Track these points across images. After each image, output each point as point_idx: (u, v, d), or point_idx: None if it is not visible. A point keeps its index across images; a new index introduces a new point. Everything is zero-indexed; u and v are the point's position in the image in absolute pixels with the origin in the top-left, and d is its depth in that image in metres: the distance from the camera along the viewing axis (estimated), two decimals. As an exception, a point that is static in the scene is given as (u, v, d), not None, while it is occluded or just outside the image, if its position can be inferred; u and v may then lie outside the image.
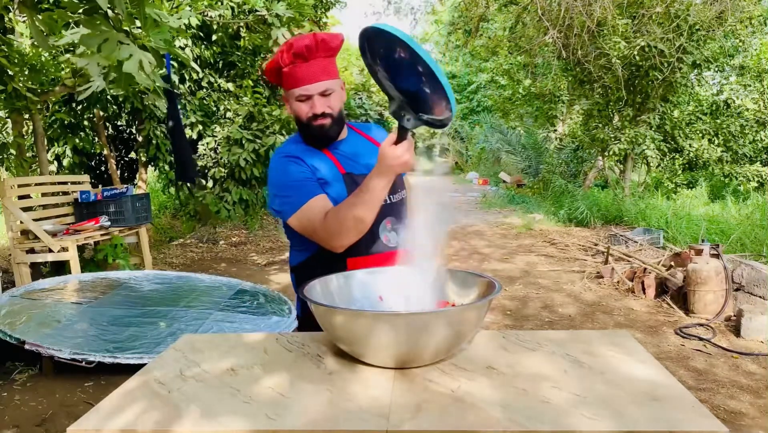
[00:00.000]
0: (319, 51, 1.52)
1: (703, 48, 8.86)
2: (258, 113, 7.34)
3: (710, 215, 7.13)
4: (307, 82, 1.52)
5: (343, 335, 1.19)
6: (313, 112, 1.54)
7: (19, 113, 5.24)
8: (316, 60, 1.53)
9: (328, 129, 1.57)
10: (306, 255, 1.63)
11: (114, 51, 2.16)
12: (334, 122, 1.57)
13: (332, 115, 1.56)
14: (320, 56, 1.53)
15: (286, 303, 4.10)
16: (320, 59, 1.53)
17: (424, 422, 0.96)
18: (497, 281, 1.30)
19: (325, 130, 1.57)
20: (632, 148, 9.48)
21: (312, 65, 1.52)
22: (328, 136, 1.59)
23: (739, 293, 4.18)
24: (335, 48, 1.56)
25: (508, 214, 10.40)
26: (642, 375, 1.13)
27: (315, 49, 1.51)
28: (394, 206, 1.63)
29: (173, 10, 5.00)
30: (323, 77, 1.53)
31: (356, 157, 1.63)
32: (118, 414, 1.03)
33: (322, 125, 1.56)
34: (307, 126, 1.57)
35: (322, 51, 1.53)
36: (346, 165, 1.60)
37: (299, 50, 1.50)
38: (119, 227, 5.22)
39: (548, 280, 5.47)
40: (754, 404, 2.88)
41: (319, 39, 1.51)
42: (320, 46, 1.52)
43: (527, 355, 1.26)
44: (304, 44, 1.50)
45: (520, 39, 10.49)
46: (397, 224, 1.62)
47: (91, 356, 2.98)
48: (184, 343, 1.40)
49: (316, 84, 1.52)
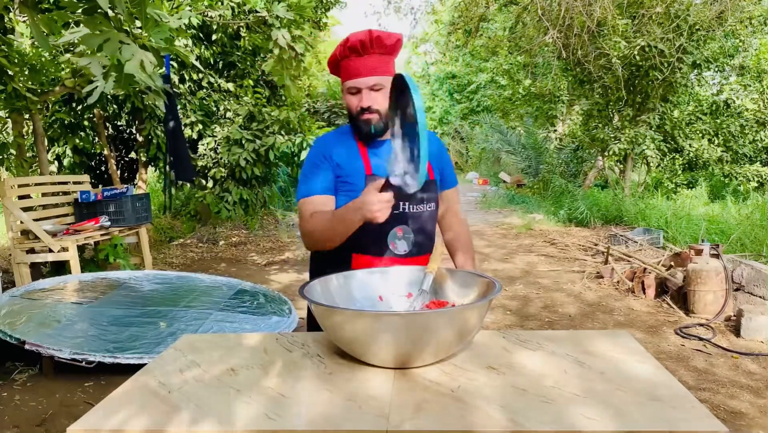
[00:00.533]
0: (373, 47, 1.56)
1: (703, 48, 8.86)
2: (258, 113, 7.34)
3: (710, 215, 7.13)
4: (357, 76, 1.57)
5: (343, 335, 1.19)
6: (360, 106, 1.58)
7: (19, 113, 5.24)
8: (371, 56, 1.57)
9: (374, 125, 1.60)
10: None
11: (115, 51, 2.16)
12: (380, 118, 1.60)
13: (379, 112, 1.59)
14: (375, 52, 1.57)
15: (286, 303, 4.10)
16: (374, 55, 1.57)
17: (424, 422, 0.96)
18: (497, 281, 1.30)
19: (371, 125, 1.60)
20: (632, 148, 9.48)
21: (365, 60, 1.57)
22: (374, 132, 1.61)
23: (739, 293, 4.17)
24: (390, 46, 1.59)
25: (508, 214, 10.40)
26: (642, 375, 1.13)
27: (369, 45, 1.56)
28: (411, 217, 1.63)
29: (173, 11, 5.00)
30: (374, 73, 1.57)
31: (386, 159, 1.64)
32: (118, 414, 1.03)
33: (369, 120, 1.59)
34: (356, 119, 1.62)
35: (377, 48, 1.57)
36: (375, 166, 1.62)
37: (354, 45, 1.55)
38: (119, 226, 5.22)
39: (548, 280, 5.47)
40: (754, 404, 2.88)
41: (374, 36, 1.56)
42: (375, 43, 1.56)
43: (527, 355, 1.26)
44: (359, 39, 1.55)
45: (520, 39, 10.49)
46: (409, 233, 1.62)
47: (91, 356, 2.98)
48: (184, 343, 1.40)
49: (366, 78, 1.57)
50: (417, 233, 1.63)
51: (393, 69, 1.62)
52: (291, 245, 7.37)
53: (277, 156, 7.15)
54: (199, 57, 7.03)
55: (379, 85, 1.58)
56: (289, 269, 6.12)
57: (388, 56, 1.61)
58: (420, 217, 1.65)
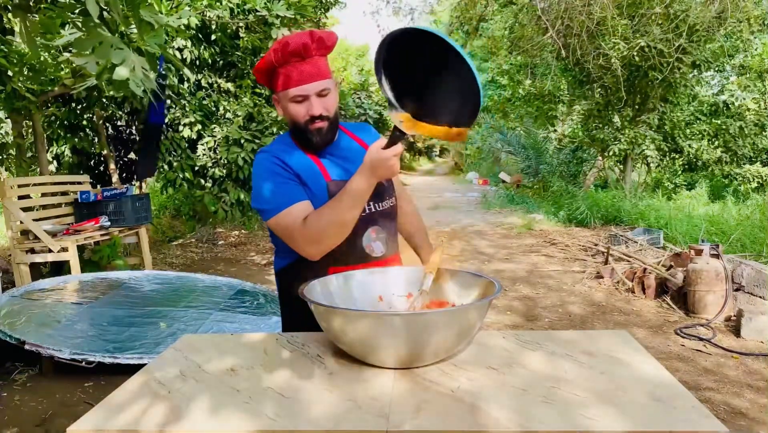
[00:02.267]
0: (315, 49, 1.47)
1: (702, 48, 8.86)
2: (257, 113, 7.34)
3: (710, 216, 7.13)
4: (304, 82, 1.46)
5: (344, 335, 1.19)
6: (310, 114, 1.48)
7: (19, 113, 5.24)
8: (313, 59, 1.47)
9: (325, 133, 1.51)
10: (288, 260, 1.57)
11: (107, 55, 2.15)
12: (330, 125, 1.51)
13: (329, 118, 1.50)
14: (317, 55, 1.48)
15: (286, 303, 4.10)
16: (317, 58, 1.48)
17: (424, 422, 0.96)
18: (497, 281, 1.30)
19: (322, 134, 1.50)
20: (632, 148, 9.48)
21: (309, 64, 1.46)
22: (324, 140, 1.52)
23: (739, 293, 4.17)
24: (331, 46, 1.52)
25: (509, 214, 10.40)
26: (642, 375, 1.13)
27: (313, 47, 1.46)
28: (381, 215, 1.57)
29: (173, 10, 5.00)
30: (320, 77, 1.47)
31: (345, 163, 1.56)
32: (117, 414, 1.03)
33: (320, 129, 1.49)
34: (304, 129, 1.50)
35: (320, 49, 1.48)
36: (332, 172, 1.54)
37: (296, 48, 1.43)
38: (119, 227, 5.22)
39: (549, 280, 5.47)
40: (754, 404, 2.88)
41: (317, 37, 1.46)
42: (318, 44, 1.47)
43: (527, 355, 1.26)
44: (302, 42, 1.43)
45: (520, 39, 10.49)
46: (382, 233, 1.57)
47: (91, 356, 2.98)
48: (184, 343, 1.40)
49: (314, 84, 1.46)
50: (387, 230, 1.58)
51: (330, 70, 1.53)
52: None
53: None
54: (198, 57, 7.03)
55: (326, 90, 1.48)
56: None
57: (326, 57, 1.53)
58: (386, 213, 1.59)
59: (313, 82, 1.46)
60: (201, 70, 7.36)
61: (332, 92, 1.52)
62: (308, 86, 1.46)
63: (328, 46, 1.51)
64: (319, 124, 1.49)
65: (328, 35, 1.50)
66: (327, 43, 1.49)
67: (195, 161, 7.32)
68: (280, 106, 1.54)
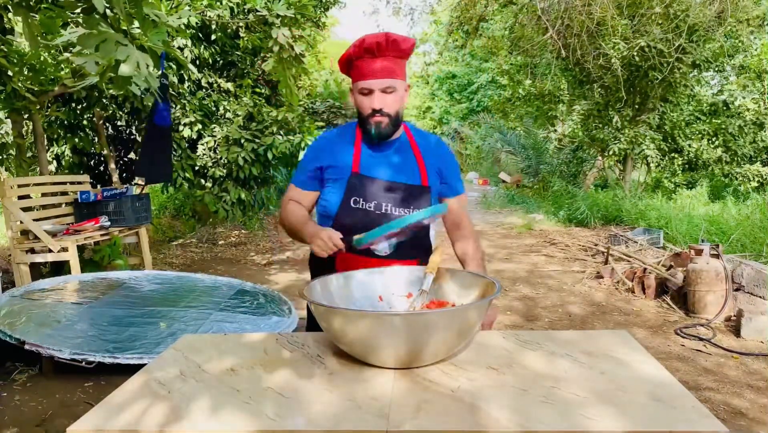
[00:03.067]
0: (388, 50, 1.57)
1: (702, 48, 8.85)
2: (257, 113, 7.34)
3: (710, 215, 7.13)
4: (371, 77, 1.57)
5: (344, 335, 1.19)
6: (372, 107, 1.59)
7: (19, 113, 5.23)
8: (385, 58, 1.58)
9: (384, 128, 1.61)
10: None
11: (112, 51, 2.15)
12: (390, 122, 1.61)
13: (390, 115, 1.60)
14: (389, 55, 1.58)
15: (286, 303, 4.10)
16: (389, 58, 1.58)
17: (424, 422, 0.96)
18: (497, 281, 1.30)
19: (380, 128, 1.61)
20: (632, 148, 9.48)
21: (380, 62, 1.57)
22: (382, 135, 1.62)
23: (739, 293, 4.17)
24: (405, 50, 1.60)
25: (509, 214, 10.40)
26: (642, 375, 1.13)
27: (385, 47, 1.57)
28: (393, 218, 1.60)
29: (172, 10, 5.00)
30: (388, 75, 1.58)
31: (381, 161, 1.66)
32: (118, 414, 1.03)
33: (379, 123, 1.61)
34: (365, 121, 1.62)
35: (392, 51, 1.58)
36: (364, 165, 1.64)
37: (370, 46, 1.56)
38: (119, 227, 5.22)
39: (549, 280, 5.47)
40: (754, 403, 2.88)
41: (391, 39, 1.57)
42: (390, 46, 1.57)
43: (527, 355, 1.26)
44: (375, 41, 1.55)
45: (520, 39, 10.49)
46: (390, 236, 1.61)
47: (91, 356, 2.97)
48: (184, 343, 1.40)
49: (380, 80, 1.57)
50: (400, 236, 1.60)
51: (404, 73, 1.63)
52: (291, 245, 7.37)
53: (276, 156, 7.14)
54: (198, 57, 7.03)
55: (391, 88, 1.59)
56: (289, 269, 6.12)
57: (401, 60, 1.61)
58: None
59: (380, 78, 1.57)
60: (201, 69, 7.35)
61: (398, 92, 1.61)
62: (374, 81, 1.58)
63: (403, 50, 1.60)
64: (379, 119, 1.60)
65: (404, 39, 1.60)
66: (402, 46, 1.59)
67: (195, 161, 7.32)
68: (353, 97, 1.67)
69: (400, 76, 1.60)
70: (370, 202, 1.61)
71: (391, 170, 1.66)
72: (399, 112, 1.64)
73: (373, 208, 1.60)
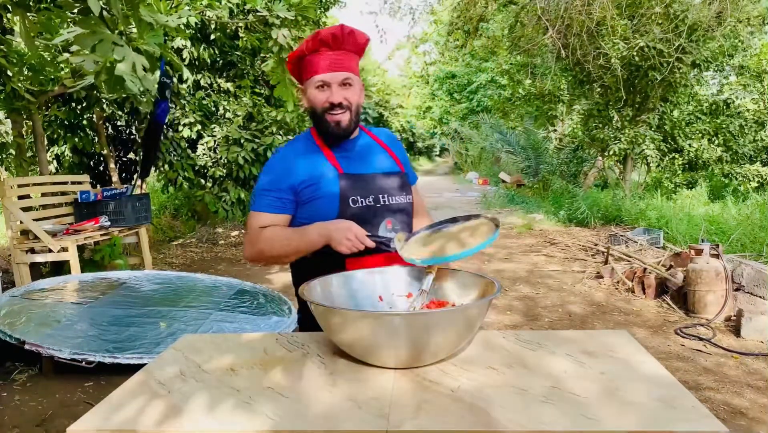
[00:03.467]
0: (345, 43, 1.53)
1: (702, 48, 8.85)
2: (257, 113, 7.34)
3: (710, 215, 7.12)
4: (328, 70, 1.51)
5: (343, 335, 1.19)
6: (330, 102, 1.52)
7: (19, 113, 5.23)
8: (342, 51, 1.53)
9: (345, 125, 1.55)
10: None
11: (108, 52, 2.15)
12: (351, 118, 1.55)
13: (350, 108, 1.54)
14: (346, 48, 1.54)
15: (286, 303, 4.10)
16: (345, 51, 1.54)
17: (424, 422, 0.96)
18: (497, 281, 1.30)
19: (341, 126, 1.54)
20: (632, 148, 9.48)
21: (336, 54, 1.52)
22: (342, 132, 1.56)
23: (739, 293, 4.17)
24: (361, 44, 1.57)
25: (508, 214, 10.40)
26: (642, 375, 1.13)
27: (342, 39, 1.52)
28: (396, 209, 1.62)
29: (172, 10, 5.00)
30: (345, 68, 1.53)
31: (360, 156, 1.63)
32: (118, 414, 1.02)
33: (339, 120, 1.53)
34: (322, 118, 1.54)
35: (349, 44, 1.54)
36: (346, 165, 1.59)
37: (326, 38, 1.50)
38: (119, 227, 5.22)
39: (549, 280, 5.47)
40: (754, 403, 2.88)
41: (347, 31, 1.53)
42: (347, 39, 1.53)
43: (527, 355, 1.26)
44: (331, 33, 1.51)
45: (520, 39, 10.49)
46: (397, 226, 1.61)
47: (91, 356, 2.98)
48: (184, 343, 1.40)
49: (338, 73, 1.52)
50: (402, 225, 1.62)
51: (358, 69, 1.58)
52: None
53: (276, 156, 7.15)
54: (197, 57, 7.03)
55: (349, 80, 1.53)
56: (289, 269, 6.11)
57: (356, 55, 1.58)
58: (400, 208, 1.63)
59: (337, 71, 1.52)
60: (200, 70, 7.35)
61: (356, 87, 1.56)
62: (332, 74, 1.51)
63: (359, 44, 1.56)
64: (338, 116, 1.54)
65: (360, 33, 1.56)
66: (358, 40, 1.55)
67: (195, 161, 7.32)
68: (305, 97, 1.59)
69: (356, 70, 1.56)
70: (368, 197, 1.57)
71: (371, 163, 1.62)
72: (359, 107, 1.59)
73: (373, 203, 1.57)
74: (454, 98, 23.47)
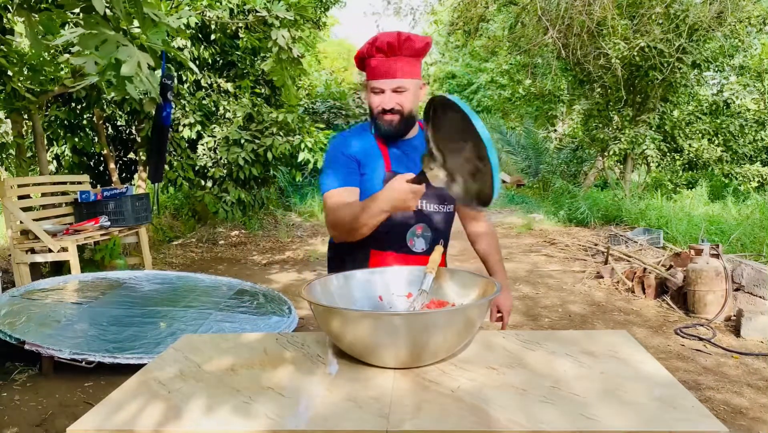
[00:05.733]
0: (401, 49, 1.56)
1: (702, 48, 8.86)
2: (257, 114, 7.34)
3: (710, 215, 7.13)
4: (382, 77, 1.57)
5: (343, 335, 1.19)
6: (382, 107, 1.59)
7: (18, 113, 5.23)
8: (398, 57, 1.57)
9: (395, 126, 1.61)
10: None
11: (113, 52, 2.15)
12: (402, 120, 1.61)
13: (401, 113, 1.60)
14: (402, 54, 1.57)
15: (286, 303, 4.10)
16: (402, 57, 1.57)
17: (424, 422, 0.96)
18: (497, 281, 1.30)
19: (392, 126, 1.61)
20: (632, 148, 9.48)
21: (392, 61, 1.56)
22: (394, 132, 1.62)
23: (739, 293, 4.17)
24: (419, 49, 1.59)
25: (508, 214, 10.40)
26: (642, 375, 1.13)
27: (397, 47, 1.55)
28: (428, 215, 1.65)
29: (172, 10, 5.00)
30: (400, 75, 1.57)
31: (411, 156, 1.66)
32: (117, 414, 1.02)
33: (390, 121, 1.60)
34: (376, 119, 1.62)
35: (405, 50, 1.57)
36: (396, 163, 1.64)
37: (381, 46, 1.55)
38: (119, 226, 5.22)
39: (549, 280, 5.47)
40: (754, 403, 2.88)
41: (403, 38, 1.55)
42: (403, 45, 1.56)
43: (527, 355, 1.25)
44: (387, 41, 1.54)
45: (520, 39, 10.49)
46: (428, 232, 1.65)
47: (91, 356, 2.98)
48: (184, 343, 1.40)
49: (391, 80, 1.57)
50: (434, 231, 1.66)
51: (419, 71, 1.62)
52: (291, 245, 7.37)
53: (276, 157, 7.15)
54: (197, 57, 7.02)
55: (402, 88, 1.58)
56: (289, 268, 6.12)
57: (415, 59, 1.61)
58: (437, 216, 1.67)
59: (391, 78, 1.57)
60: (201, 70, 7.35)
61: (411, 91, 1.60)
62: (385, 81, 1.57)
63: (416, 48, 1.58)
64: (389, 117, 1.60)
65: (417, 38, 1.58)
66: (415, 45, 1.57)
67: (195, 161, 7.32)
68: (366, 93, 1.66)
69: (412, 75, 1.59)
70: None
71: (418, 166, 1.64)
72: (412, 110, 1.64)
73: None
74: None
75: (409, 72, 1.59)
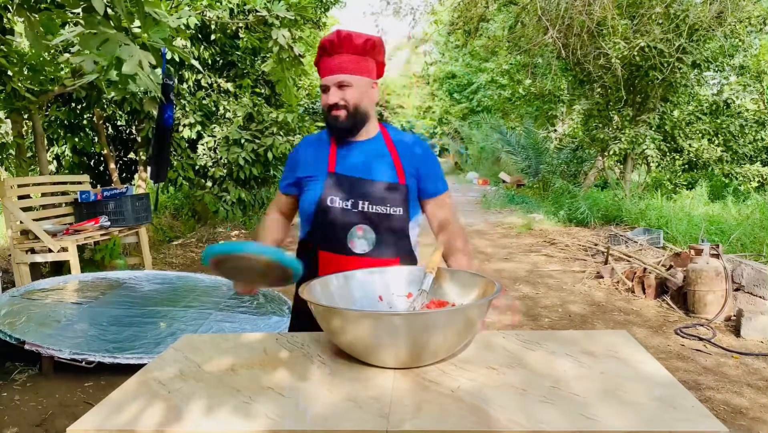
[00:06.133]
0: (341, 47, 1.60)
1: (702, 48, 8.85)
2: (257, 114, 7.34)
3: (710, 215, 7.13)
4: (325, 74, 1.62)
5: (343, 335, 1.19)
6: (328, 103, 1.63)
7: (19, 113, 5.23)
8: (340, 54, 1.60)
9: (342, 121, 1.62)
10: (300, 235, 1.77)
11: (114, 51, 2.15)
12: (349, 115, 1.62)
13: (347, 108, 1.61)
14: (343, 51, 1.60)
15: (286, 303, 4.10)
16: (344, 54, 1.60)
17: (424, 422, 0.96)
18: (497, 281, 1.30)
19: (339, 121, 1.62)
20: (632, 148, 9.48)
21: (334, 59, 1.61)
22: (341, 128, 1.64)
23: (739, 293, 4.17)
24: (359, 45, 1.61)
25: (508, 214, 10.40)
26: (642, 375, 1.13)
27: (337, 44, 1.60)
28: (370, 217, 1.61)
29: (172, 10, 5.00)
30: (341, 71, 1.60)
31: (357, 159, 1.65)
32: (117, 414, 1.02)
33: (337, 116, 1.62)
34: (325, 115, 1.67)
35: (345, 47, 1.60)
36: (340, 164, 1.65)
37: (323, 45, 1.62)
38: (119, 226, 5.22)
39: (549, 280, 5.47)
40: (754, 403, 2.88)
41: (343, 35, 1.60)
42: (343, 42, 1.60)
43: (527, 355, 1.25)
44: (328, 40, 1.61)
45: (520, 39, 10.49)
46: (371, 234, 1.61)
47: (91, 356, 2.98)
48: (184, 343, 1.40)
49: (333, 76, 1.61)
50: (378, 233, 1.61)
51: (367, 69, 1.63)
52: (291, 245, 7.36)
53: (276, 157, 7.15)
54: (198, 57, 7.03)
55: (345, 83, 1.60)
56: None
57: (360, 56, 1.62)
58: (381, 218, 1.61)
59: (332, 75, 1.61)
60: (201, 70, 7.35)
61: (356, 86, 1.62)
62: (328, 78, 1.62)
63: (357, 45, 1.61)
64: (336, 113, 1.63)
65: (357, 35, 1.62)
66: (354, 42, 1.61)
67: (195, 161, 7.32)
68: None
69: (357, 72, 1.61)
70: (347, 200, 1.60)
71: (367, 168, 1.65)
72: (358, 106, 1.62)
73: (350, 207, 1.60)
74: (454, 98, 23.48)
75: (353, 69, 1.61)
